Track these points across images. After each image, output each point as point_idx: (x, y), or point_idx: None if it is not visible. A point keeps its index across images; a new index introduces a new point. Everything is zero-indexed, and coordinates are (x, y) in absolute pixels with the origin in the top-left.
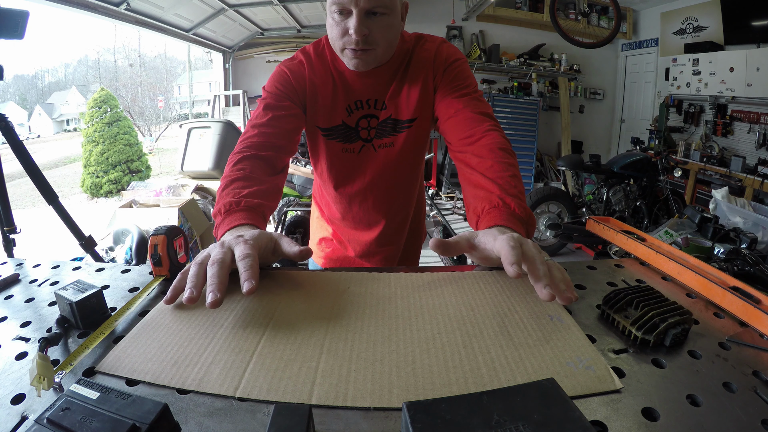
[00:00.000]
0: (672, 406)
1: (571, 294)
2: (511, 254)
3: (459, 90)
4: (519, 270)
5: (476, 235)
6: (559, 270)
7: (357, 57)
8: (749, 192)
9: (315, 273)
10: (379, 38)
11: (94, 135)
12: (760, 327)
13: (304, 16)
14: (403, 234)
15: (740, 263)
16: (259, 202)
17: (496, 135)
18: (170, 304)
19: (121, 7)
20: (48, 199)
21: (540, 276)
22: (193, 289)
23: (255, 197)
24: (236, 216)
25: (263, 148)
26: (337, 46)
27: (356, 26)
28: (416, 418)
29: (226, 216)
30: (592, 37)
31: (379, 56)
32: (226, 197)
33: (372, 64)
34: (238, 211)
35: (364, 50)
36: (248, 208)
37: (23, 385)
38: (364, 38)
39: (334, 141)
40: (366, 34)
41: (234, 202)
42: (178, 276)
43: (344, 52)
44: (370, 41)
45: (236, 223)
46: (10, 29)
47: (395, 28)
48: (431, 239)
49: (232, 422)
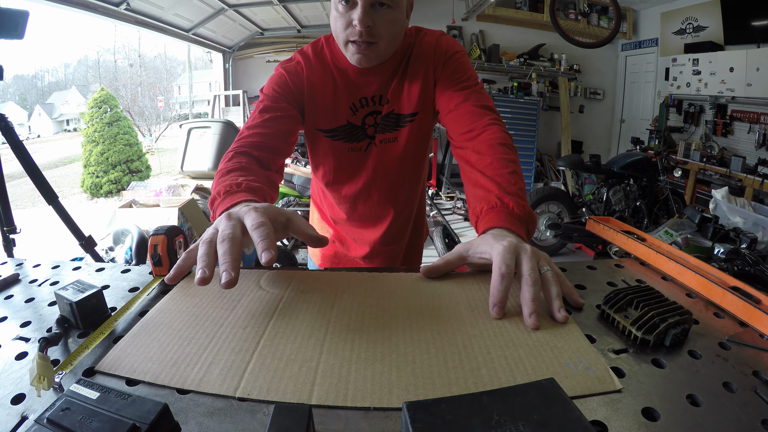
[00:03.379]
0: (672, 406)
1: (564, 314)
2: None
3: (459, 83)
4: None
5: (470, 247)
6: (556, 283)
7: (360, 52)
8: (749, 192)
9: (315, 273)
10: (383, 32)
11: (94, 135)
12: (760, 327)
13: (304, 16)
14: (407, 232)
15: (740, 263)
16: (260, 186)
17: (497, 129)
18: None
19: (121, 7)
20: (48, 199)
21: (527, 300)
22: (204, 269)
23: (256, 182)
24: (238, 195)
25: (257, 148)
26: (340, 38)
27: (360, 16)
28: (416, 418)
29: (225, 196)
30: (592, 37)
31: (382, 52)
32: (223, 182)
33: (374, 60)
34: (239, 191)
35: (368, 44)
36: (250, 189)
37: (23, 385)
38: (368, 30)
39: (340, 142)
40: (370, 25)
41: (234, 184)
42: (184, 254)
43: (347, 47)
44: (374, 34)
45: (238, 200)
46: (10, 29)
47: (399, 24)
48: (421, 267)
49: (232, 422)
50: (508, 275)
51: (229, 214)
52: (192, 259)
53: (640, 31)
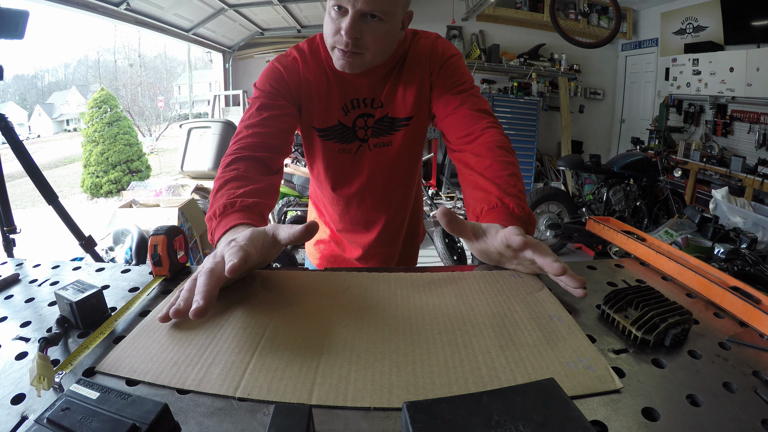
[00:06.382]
0: (672, 406)
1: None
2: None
3: (456, 86)
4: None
5: (480, 226)
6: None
7: (344, 58)
8: (749, 192)
9: (315, 273)
10: (370, 44)
11: (94, 135)
12: (760, 327)
13: (304, 16)
14: (401, 234)
15: (740, 263)
16: (255, 200)
17: (495, 132)
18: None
19: (121, 7)
20: (48, 199)
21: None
22: (180, 302)
23: (251, 196)
24: (232, 218)
25: (257, 148)
26: (328, 42)
27: (347, 27)
28: (416, 418)
29: (221, 219)
30: (592, 37)
31: (367, 62)
32: (219, 199)
33: (358, 68)
34: (233, 212)
35: (353, 53)
36: (244, 208)
37: (23, 385)
38: (354, 41)
39: (331, 142)
40: (357, 37)
41: (228, 204)
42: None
43: (333, 51)
44: (360, 45)
45: (232, 224)
46: (10, 29)
47: (390, 36)
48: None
49: (232, 422)
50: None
51: (215, 253)
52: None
53: (640, 31)
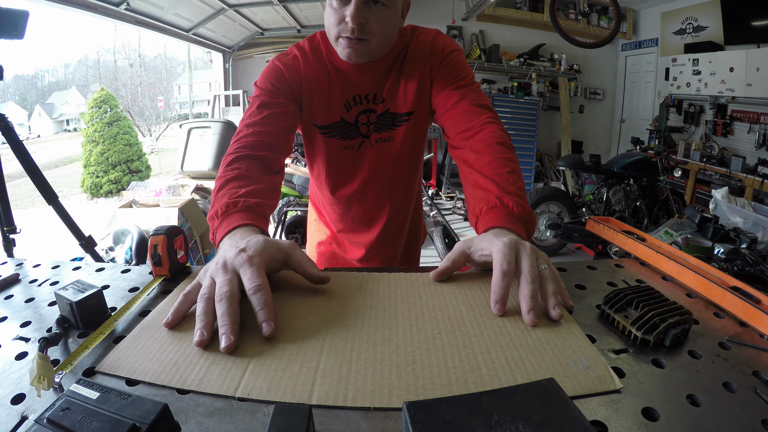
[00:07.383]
0: (672, 406)
1: (559, 311)
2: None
3: (456, 81)
4: (502, 310)
5: (471, 244)
6: (553, 280)
7: (351, 46)
8: (749, 192)
9: None
10: (376, 29)
11: (94, 135)
12: (760, 327)
13: (304, 16)
14: (403, 233)
15: (740, 263)
16: (257, 201)
17: (494, 128)
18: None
19: (121, 7)
20: (48, 199)
21: (526, 297)
22: (203, 330)
23: (253, 196)
24: (234, 217)
25: (258, 147)
26: (332, 34)
27: (353, 13)
28: (416, 418)
29: (223, 218)
30: (592, 37)
31: (373, 49)
32: (221, 199)
33: (365, 56)
34: (236, 212)
35: (359, 40)
36: (247, 208)
37: (23, 385)
38: (360, 27)
39: (333, 139)
40: (362, 23)
41: (231, 203)
42: (181, 297)
43: (338, 41)
44: (366, 31)
45: (235, 224)
46: (10, 29)
47: (393, 23)
48: (430, 273)
49: (232, 422)
50: (509, 272)
51: (225, 264)
52: (189, 303)
53: (640, 31)
